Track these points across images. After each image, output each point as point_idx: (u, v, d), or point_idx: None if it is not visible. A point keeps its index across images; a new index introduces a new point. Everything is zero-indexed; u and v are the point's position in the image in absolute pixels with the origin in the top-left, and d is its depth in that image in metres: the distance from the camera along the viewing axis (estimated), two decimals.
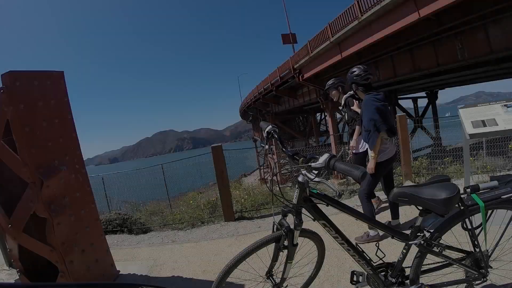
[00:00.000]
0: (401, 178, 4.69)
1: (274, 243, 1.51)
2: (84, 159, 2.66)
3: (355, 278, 1.62)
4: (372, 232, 2.69)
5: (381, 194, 3.81)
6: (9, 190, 2.48)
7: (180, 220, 4.55)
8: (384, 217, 3.30)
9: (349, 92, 3.30)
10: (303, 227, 1.50)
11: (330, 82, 3.52)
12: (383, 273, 1.58)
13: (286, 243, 1.49)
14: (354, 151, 3.40)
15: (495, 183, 1.47)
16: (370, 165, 2.63)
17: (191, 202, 5.27)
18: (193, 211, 4.80)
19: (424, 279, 1.58)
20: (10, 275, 3.03)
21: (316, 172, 1.35)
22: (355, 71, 2.70)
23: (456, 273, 1.62)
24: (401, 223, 2.86)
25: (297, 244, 1.51)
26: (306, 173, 1.37)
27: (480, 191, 1.46)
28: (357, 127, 3.27)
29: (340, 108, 3.55)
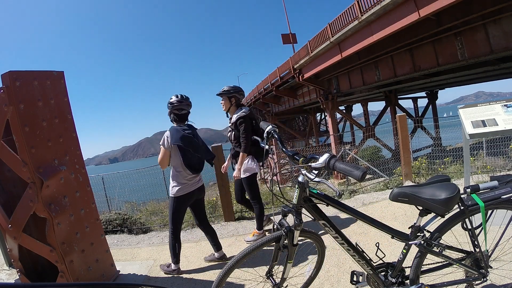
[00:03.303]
0: (401, 178, 4.70)
1: (274, 243, 1.51)
2: (84, 159, 2.66)
3: (355, 278, 1.62)
4: (210, 256, 2.72)
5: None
6: (9, 190, 2.48)
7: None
8: (383, 217, 3.30)
9: (243, 110, 3.02)
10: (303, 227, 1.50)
11: (226, 88, 3.08)
12: (383, 273, 1.58)
13: (286, 243, 1.49)
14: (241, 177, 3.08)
15: (495, 183, 1.46)
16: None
17: None
18: None
19: (424, 279, 1.58)
20: (10, 275, 3.03)
21: (316, 172, 1.35)
22: (170, 98, 2.60)
23: (456, 273, 1.62)
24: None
25: (297, 244, 1.51)
26: (306, 173, 1.37)
27: (480, 191, 1.46)
28: (242, 155, 2.99)
29: (229, 124, 3.16)
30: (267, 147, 1.67)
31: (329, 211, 1.51)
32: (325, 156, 1.31)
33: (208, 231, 2.81)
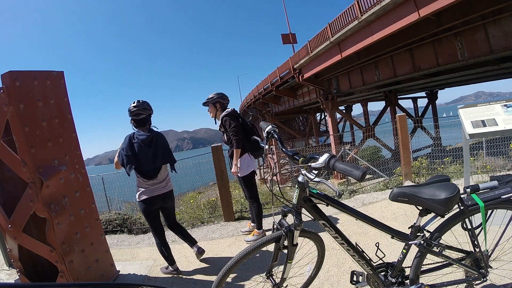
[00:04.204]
0: (401, 178, 4.70)
1: (274, 243, 1.51)
2: (84, 159, 2.66)
3: (355, 278, 1.62)
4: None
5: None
6: (9, 190, 2.48)
7: (180, 220, 4.54)
8: (383, 217, 3.31)
9: (227, 110, 3.08)
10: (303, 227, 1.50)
11: (210, 96, 3.20)
12: (383, 273, 1.58)
13: (286, 243, 1.49)
14: (239, 175, 3.12)
15: (495, 183, 1.46)
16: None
17: (192, 201, 5.27)
18: (193, 211, 4.80)
19: (424, 279, 1.58)
20: (10, 275, 3.03)
21: (316, 172, 1.35)
22: (130, 104, 2.60)
23: (456, 273, 1.62)
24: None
25: (297, 244, 1.51)
26: (306, 173, 1.37)
27: (480, 191, 1.45)
28: (235, 150, 3.02)
29: (219, 128, 3.22)
30: (267, 147, 1.68)
31: (329, 211, 1.51)
32: (325, 156, 1.31)
33: (177, 232, 2.85)
